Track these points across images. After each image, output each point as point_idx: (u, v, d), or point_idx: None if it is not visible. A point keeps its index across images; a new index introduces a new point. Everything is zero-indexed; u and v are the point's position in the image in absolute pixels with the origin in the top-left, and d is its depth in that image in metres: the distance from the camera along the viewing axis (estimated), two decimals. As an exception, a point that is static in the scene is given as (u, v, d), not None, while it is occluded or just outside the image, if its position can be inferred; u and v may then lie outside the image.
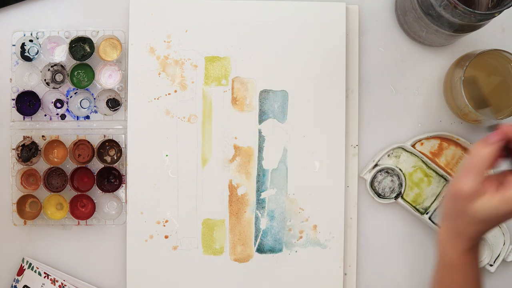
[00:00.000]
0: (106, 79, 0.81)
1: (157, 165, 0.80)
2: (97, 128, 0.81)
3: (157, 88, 0.80)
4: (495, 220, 0.64)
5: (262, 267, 0.81)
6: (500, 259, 0.81)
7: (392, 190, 0.82)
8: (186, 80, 0.81)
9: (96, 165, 0.80)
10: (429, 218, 0.81)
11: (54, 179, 0.80)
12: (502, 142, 0.64)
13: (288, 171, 0.81)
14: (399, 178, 0.81)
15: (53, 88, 0.80)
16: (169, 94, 0.80)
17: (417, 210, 0.81)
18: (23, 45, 0.80)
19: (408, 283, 0.82)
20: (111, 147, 0.81)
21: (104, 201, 0.81)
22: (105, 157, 0.80)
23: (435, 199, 0.81)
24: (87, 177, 0.80)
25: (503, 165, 0.66)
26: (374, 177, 0.81)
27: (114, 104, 0.80)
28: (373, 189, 0.81)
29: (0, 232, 0.81)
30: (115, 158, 0.80)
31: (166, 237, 0.80)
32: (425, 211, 0.81)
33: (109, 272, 0.81)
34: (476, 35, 0.82)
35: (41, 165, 0.80)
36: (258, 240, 0.81)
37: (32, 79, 0.81)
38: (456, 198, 0.65)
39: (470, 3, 0.75)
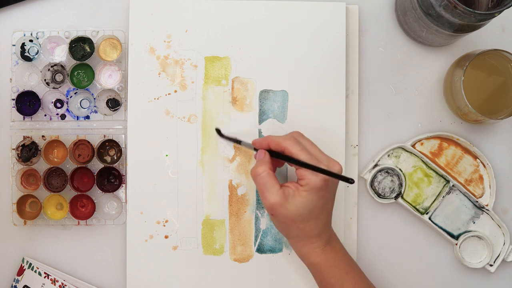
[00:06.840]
0: (106, 79, 0.81)
1: (157, 165, 0.80)
2: (97, 128, 0.81)
3: (157, 88, 0.80)
4: (316, 208, 0.70)
5: (262, 267, 0.80)
6: (500, 259, 0.81)
7: (392, 190, 0.81)
8: (186, 80, 0.81)
9: (96, 165, 0.80)
10: (429, 218, 0.81)
11: (54, 179, 0.80)
12: (267, 154, 0.72)
13: (288, 171, 0.81)
14: (399, 178, 0.81)
15: (53, 88, 0.80)
16: (169, 94, 0.80)
17: (417, 210, 0.81)
18: (23, 45, 0.80)
19: (408, 283, 0.82)
20: (111, 147, 0.81)
21: (104, 201, 0.81)
22: (105, 157, 0.80)
23: (435, 199, 0.81)
24: (87, 177, 0.80)
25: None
26: (374, 177, 0.81)
27: (114, 104, 0.80)
28: (373, 189, 0.81)
29: (0, 232, 0.81)
30: (115, 158, 0.80)
31: (166, 237, 0.80)
32: (425, 211, 0.81)
33: (109, 272, 0.81)
34: (476, 35, 0.82)
35: (41, 165, 0.80)
36: (258, 240, 0.81)
37: (32, 79, 0.81)
38: (276, 214, 0.70)
39: (470, 3, 0.75)
